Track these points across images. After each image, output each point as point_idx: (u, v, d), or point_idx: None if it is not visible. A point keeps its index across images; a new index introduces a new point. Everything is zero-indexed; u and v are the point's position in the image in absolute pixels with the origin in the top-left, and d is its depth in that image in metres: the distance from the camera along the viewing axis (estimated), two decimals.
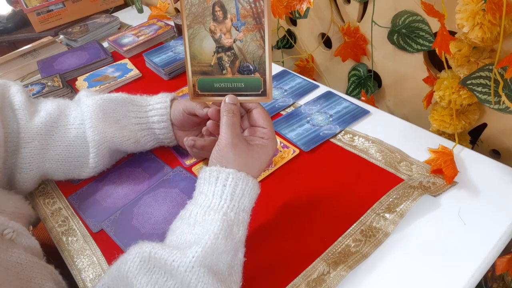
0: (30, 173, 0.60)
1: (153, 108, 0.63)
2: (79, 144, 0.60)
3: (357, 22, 0.79)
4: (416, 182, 0.55)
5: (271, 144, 0.47)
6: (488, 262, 0.46)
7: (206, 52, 0.47)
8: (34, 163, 0.59)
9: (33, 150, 0.59)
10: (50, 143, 0.60)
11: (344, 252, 0.49)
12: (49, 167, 0.61)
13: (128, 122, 0.62)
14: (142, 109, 0.63)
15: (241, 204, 0.43)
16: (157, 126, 0.62)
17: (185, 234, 0.42)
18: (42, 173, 0.61)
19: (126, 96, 0.64)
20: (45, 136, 0.59)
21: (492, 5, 0.47)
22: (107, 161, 0.64)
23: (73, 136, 0.60)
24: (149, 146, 0.65)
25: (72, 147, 0.60)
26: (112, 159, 0.65)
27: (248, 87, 0.47)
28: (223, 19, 0.45)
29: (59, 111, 0.61)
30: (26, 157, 0.58)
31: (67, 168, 0.62)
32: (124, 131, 0.61)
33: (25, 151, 0.58)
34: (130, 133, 0.62)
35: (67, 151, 0.60)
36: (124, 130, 0.61)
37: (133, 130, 0.62)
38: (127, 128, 0.62)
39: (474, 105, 0.63)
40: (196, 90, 0.49)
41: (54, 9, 1.27)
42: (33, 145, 0.58)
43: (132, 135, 0.62)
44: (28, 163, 0.59)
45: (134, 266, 0.38)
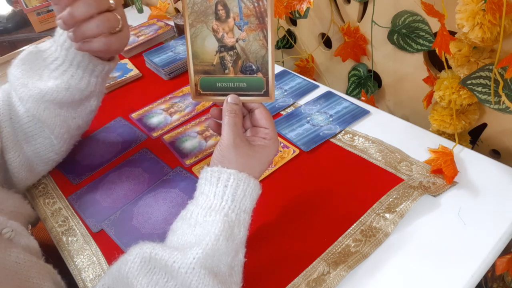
0: (17, 160, 0.60)
1: (55, 41, 0.57)
2: (31, 118, 0.59)
3: (357, 22, 0.79)
4: (416, 182, 0.55)
5: (273, 144, 0.47)
6: (488, 262, 0.46)
7: (208, 51, 0.47)
8: (14, 148, 0.59)
9: (8, 137, 0.59)
10: (14, 126, 0.59)
11: (344, 252, 0.49)
12: (27, 149, 0.61)
13: (49, 72, 0.58)
14: (51, 50, 0.58)
15: (242, 205, 0.43)
16: (69, 56, 0.56)
17: (186, 234, 0.42)
18: (27, 158, 0.61)
19: (33, 47, 0.59)
20: (8, 121, 0.59)
21: (492, 5, 0.47)
22: (61, 123, 0.60)
23: (23, 112, 0.59)
24: (85, 84, 0.58)
25: (29, 123, 0.59)
26: (68, 117, 0.61)
27: (251, 87, 0.47)
28: (226, 18, 0.45)
29: (7, 94, 0.60)
30: (6, 145, 0.59)
31: (41, 145, 0.61)
32: (48, 83, 0.57)
33: (4, 141, 0.58)
34: (55, 81, 0.57)
35: (27, 127, 0.59)
36: (49, 82, 0.57)
37: (56, 76, 0.57)
38: (51, 77, 0.57)
39: (474, 105, 0.63)
40: (198, 90, 0.49)
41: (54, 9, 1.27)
42: (6, 132, 0.59)
43: (58, 82, 0.57)
44: (11, 150, 0.59)
45: (135, 267, 0.38)
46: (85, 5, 0.46)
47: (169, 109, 0.80)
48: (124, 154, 0.70)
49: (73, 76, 0.57)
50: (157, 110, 0.80)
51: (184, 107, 0.80)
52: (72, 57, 0.56)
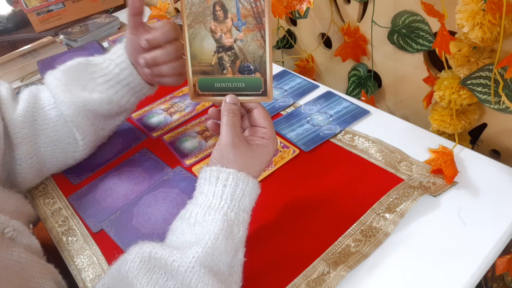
0: (29, 162, 0.60)
1: (111, 60, 0.61)
2: (62, 122, 0.60)
3: (357, 22, 0.79)
4: (416, 182, 0.55)
5: (271, 144, 0.47)
6: (488, 262, 0.46)
7: (206, 51, 0.47)
8: (30, 150, 0.59)
9: (25, 139, 0.59)
10: (37, 128, 0.60)
11: (344, 252, 0.49)
12: (44, 151, 0.61)
13: (94, 84, 0.61)
14: (103, 65, 0.61)
15: (242, 204, 0.43)
16: (122, 76, 0.60)
17: (185, 234, 0.42)
18: (41, 161, 0.62)
19: (83, 59, 0.63)
20: (31, 123, 0.59)
21: (492, 5, 0.47)
22: (92, 131, 0.63)
23: (54, 116, 0.60)
24: (125, 101, 0.62)
25: (58, 126, 0.61)
26: (98, 128, 0.64)
27: (249, 87, 0.47)
28: (224, 18, 0.45)
29: (33, 96, 0.61)
30: (20, 146, 0.59)
31: (62, 149, 0.62)
32: (93, 94, 0.60)
33: (18, 141, 0.58)
34: (100, 95, 0.60)
35: (55, 131, 0.61)
36: (94, 93, 0.60)
37: (101, 90, 0.60)
38: (96, 90, 0.60)
39: (474, 105, 0.63)
40: (197, 90, 0.49)
41: (54, 9, 1.27)
42: (23, 134, 0.59)
43: (102, 96, 0.60)
44: (25, 152, 0.59)
45: (134, 266, 0.38)
46: (167, 54, 0.56)
47: (169, 109, 0.80)
48: (124, 154, 0.71)
49: (117, 92, 0.61)
50: (157, 110, 0.80)
51: (184, 107, 0.80)
52: (124, 77, 0.61)
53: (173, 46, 0.56)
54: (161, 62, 0.57)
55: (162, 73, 0.58)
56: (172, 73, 0.58)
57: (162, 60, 0.56)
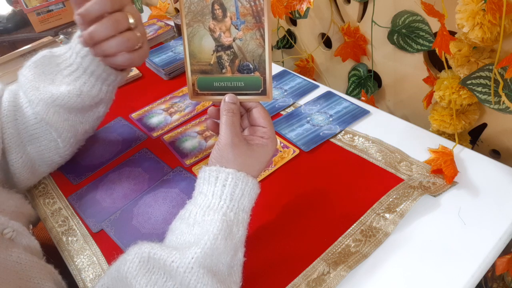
0: (19, 161, 0.60)
1: (71, 48, 0.58)
2: (38, 120, 0.59)
3: (357, 22, 0.79)
4: (416, 182, 0.55)
5: (271, 143, 0.47)
6: (488, 262, 0.46)
7: (205, 51, 0.47)
8: (17, 149, 0.59)
9: (11, 138, 0.59)
10: (19, 127, 0.59)
11: (344, 252, 0.49)
12: (30, 150, 0.61)
13: (62, 77, 0.58)
14: (66, 56, 0.58)
15: (241, 204, 0.43)
16: (84, 64, 0.56)
17: (185, 234, 0.42)
18: (30, 159, 0.61)
19: (47, 51, 0.59)
20: (13, 122, 0.59)
21: (492, 5, 0.47)
22: (68, 128, 0.61)
23: (30, 114, 0.59)
24: (96, 91, 0.58)
25: (36, 125, 0.59)
26: (76, 122, 0.62)
27: (248, 86, 0.47)
28: (223, 17, 0.45)
29: (14, 95, 0.60)
30: (9, 146, 0.58)
31: (45, 147, 0.61)
32: (61, 88, 0.57)
33: (6, 142, 0.58)
34: (68, 87, 0.57)
35: (34, 129, 0.59)
36: (61, 86, 0.57)
37: (69, 82, 0.57)
38: (63, 82, 0.58)
39: (474, 105, 0.63)
40: (196, 89, 0.49)
41: (54, 9, 1.27)
42: (9, 133, 0.58)
43: (70, 88, 0.57)
44: (14, 151, 0.59)
45: (133, 267, 0.38)
46: (104, 27, 0.48)
47: (169, 109, 0.80)
48: (124, 154, 0.71)
49: (86, 83, 0.57)
50: (157, 110, 0.80)
51: (184, 107, 0.80)
52: (87, 65, 0.57)
53: (112, 17, 0.49)
54: (99, 38, 0.49)
55: (106, 52, 0.51)
56: (118, 50, 0.51)
57: (100, 36, 0.49)
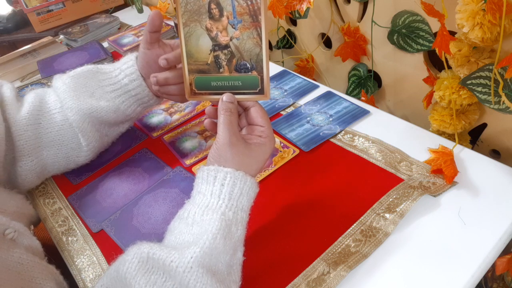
0: (30, 164, 0.60)
1: (121, 70, 0.62)
2: (67, 127, 0.61)
3: (357, 22, 0.79)
4: (416, 182, 0.55)
5: (269, 142, 0.47)
6: (488, 262, 0.46)
7: (202, 50, 0.47)
8: (32, 153, 0.60)
9: (27, 141, 0.59)
10: (41, 131, 0.60)
11: (344, 252, 0.49)
12: (46, 155, 0.61)
13: (102, 92, 0.62)
14: (112, 74, 0.62)
15: (240, 203, 0.43)
16: (130, 86, 0.62)
17: (184, 234, 0.42)
18: (42, 164, 0.62)
19: (93, 67, 0.64)
20: (34, 125, 0.60)
21: (492, 5, 0.47)
22: (97, 138, 0.64)
23: (59, 120, 0.60)
24: (131, 111, 0.64)
25: (62, 131, 0.61)
26: (103, 134, 0.65)
27: (246, 85, 0.47)
28: (219, 17, 0.45)
29: (39, 99, 0.61)
30: (22, 148, 0.59)
31: (65, 153, 0.62)
32: (100, 102, 0.61)
33: (20, 143, 0.59)
34: (107, 103, 0.61)
35: (59, 135, 0.61)
36: (101, 101, 0.61)
37: (109, 98, 0.62)
38: (103, 98, 0.62)
39: (474, 105, 0.63)
40: (193, 89, 0.49)
41: (54, 9, 1.27)
42: (26, 136, 0.59)
43: (109, 104, 0.61)
44: (26, 155, 0.59)
45: (133, 267, 0.38)
46: (177, 77, 0.57)
47: (169, 109, 0.80)
48: (124, 154, 0.71)
49: (124, 102, 0.62)
50: (157, 110, 0.80)
51: (184, 107, 0.80)
52: (132, 88, 0.62)
53: (180, 70, 0.57)
54: (171, 83, 0.58)
55: (170, 92, 0.60)
56: (179, 93, 0.60)
57: (173, 82, 0.58)
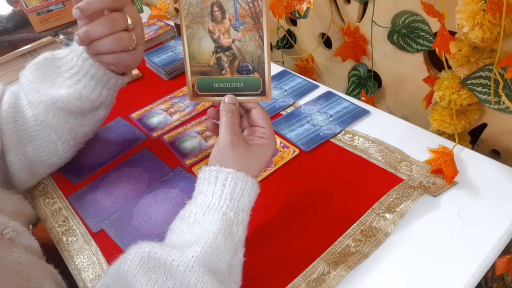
0: (18, 162, 0.60)
1: (73, 51, 0.58)
2: (38, 122, 0.59)
3: (357, 22, 0.79)
4: (416, 182, 0.55)
5: (270, 143, 0.47)
6: (488, 262, 0.46)
7: (204, 52, 0.47)
8: (17, 151, 0.59)
9: (10, 140, 0.59)
10: (19, 128, 0.59)
11: (344, 252, 0.49)
12: (30, 151, 0.61)
13: (62, 79, 0.58)
14: (68, 58, 0.58)
15: (241, 203, 0.43)
16: (85, 67, 0.56)
17: (185, 233, 0.42)
18: (28, 161, 0.61)
19: (48, 54, 0.60)
20: (13, 123, 0.59)
21: (492, 5, 0.47)
22: (68, 130, 0.61)
23: (30, 116, 0.59)
24: (96, 95, 0.58)
25: (36, 126, 0.59)
26: (75, 125, 0.61)
27: (247, 87, 0.47)
28: (222, 19, 0.45)
29: (14, 97, 0.60)
30: (8, 148, 0.58)
31: (45, 148, 0.61)
32: (61, 90, 0.57)
33: (5, 143, 0.58)
34: (68, 90, 0.57)
35: (33, 131, 0.60)
36: (61, 89, 0.57)
37: (69, 85, 0.57)
38: (64, 85, 0.58)
39: (474, 105, 0.63)
40: (195, 91, 0.49)
41: (54, 9, 1.27)
42: (8, 134, 0.58)
43: (71, 91, 0.57)
44: (13, 153, 0.59)
45: (134, 266, 0.38)
46: (101, 26, 0.49)
47: (169, 109, 0.80)
48: (124, 154, 0.71)
49: (86, 86, 0.58)
50: (157, 110, 0.80)
51: (184, 107, 0.80)
52: (88, 68, 0.57)
53: (110, 16, 0.49)
54: (95, 36, 0.49)
55: (98, 50, 0.51)
56: (110, 49, 0.51)
57: (95, 34, 0.49)
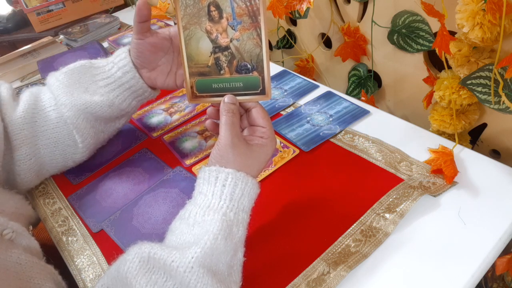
0: (28, 163, 0.60)
1: (114, 63, 0.61)
2: (62, 124, 0.60)
3: (357, 22, 0.79)
4: (416, 182, 0.55)
5: (270, 143, 0.47)
6: (488, 262, 0.46)
7: (203, 53, 0.47)
8: (29, 152, 0.59)
9: (24, 140, 0.59)
10: (37, 130, 0.60)
11: (344, 252, 0.49)
12: (44, 153, 0.61)
13: (96, 87, 0.61)
14: (105, 68, 0.61)
15: (241, 204, 0.43)
16: (124, 79, 0.60)
17: (185, 234, 0.42)
18: (40, 162, 0.62)
19: (86, 62, 0.63)
20: (30, 124, 0.60)
21: (492, 5, 0.47)
22: (92, 134, 0.63)
23: (54, 117, 0.60)
24: (126, 105, 0.62)
25: (58, 128, 0.60)
26: (98, 131, 0.64)
27: (247, 86, 0.47)
28: (219, 18, 0.45)
29: (34, 98, 0.61)
30: (20, 148, 0.59)
31: (62, 151, 0.62)
32: (94, 97, 0.60)
33: (17, 143, 0.58)
34: (101, 97, 0.60)
35: (54, 133, 0.61)
36: (95, 96, 0.60)
37: (103, 93, 0.61)
38: (97, 93, 0.61)
39: (474, 105, 0.63)
40: (194, 92, 0.49)
41: (54, 9, 1.27)
42: (22, 135, 0.59)
43: (103, 99, 0.60)
44: (24, 153, 0.59)
45: (133, 267, 0.38)
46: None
47: (169, 109, 0.80)
48: (124, 154, 0.71)
49: (119, 96, 0.61)
50: (157, 110, 0.80)
51: (184, 107, 0.80)
52: (126, 80, 0.60)
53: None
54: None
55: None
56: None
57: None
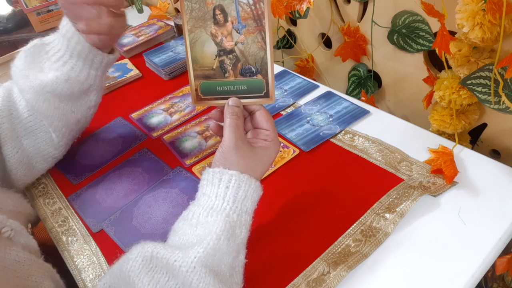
0: (15, 156, 0.60)
1: (61, 34, 0.58)
2: (31, 112, 0.60)
3: (357, 22, 0.79)
4: (416, 182, 0.55)
5: (273, 146, 0.47)
6: (488, 262, 0.46)
7: (207, 56, 0.47)
8: (13, 145, 0.60)
9: (7, 133, 0.59)
10: (14, 121, 0.60)
11: (344, 252, 0.49)
12: (26, 144, 0.61)
13: (50, 63, 0.59)
14: (54, 42, 0.59)
15: (244, 206, 0.43)
16: (71, 46, 0.56)
17: (187, 234, 0.42)
18: (26, 154, 0.62)
19: (37, 40, 0.60)
20: (8, 117, 0.59)
21: (492, 5, 0.47)
22: (59, 116, 0.61)
23: (24, 106, 0.60)
24: (84, 76, 0.59)
25: (30, 117, 0.60)
26: (66, 112, 0.61)
27: (251, 89, 0.47)
28: (224, 22, 0.45)
29: (7, 90, 0.61)
30: (5, 142, 0.59)
31: (41, 139, 0.62)
32: (49, 74, 0.58)
33: (2, 137, 0.59)
34: (55, 73, 0.58)
35: (28, 121, 0.60)
36: (49, 73, 0.58)
37: (57, 68, 0.58)
38: (52, 69, 0.58)
39: (474, 105, 0.63)
40: (199, 94, 0.49)
41: (54, 9, 1.27)
42: (4, 128, 0.59)
43: (58, 74, 0.58)
44: (10, 147, 0.59)
45: (136, 266, 0.38)
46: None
47: (169, 109, 0.80)
48: (124, 154, 0.71)
49: (73, 68, 0.58)
50: (157, 110, 0.80)
51: (184, 107, 0.80)
52: (73, 47, 0.57)
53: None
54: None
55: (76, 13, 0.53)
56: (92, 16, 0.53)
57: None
